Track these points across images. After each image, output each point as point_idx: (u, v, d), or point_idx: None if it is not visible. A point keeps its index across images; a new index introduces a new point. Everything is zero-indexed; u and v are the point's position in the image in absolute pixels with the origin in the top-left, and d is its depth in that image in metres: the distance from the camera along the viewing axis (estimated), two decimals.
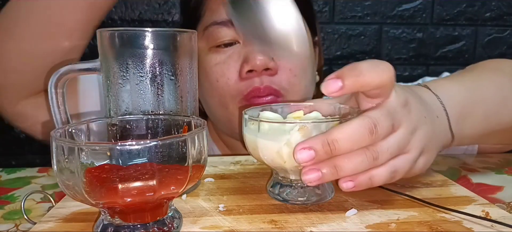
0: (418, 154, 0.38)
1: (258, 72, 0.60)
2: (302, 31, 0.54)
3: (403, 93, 0.38)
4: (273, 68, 0.60)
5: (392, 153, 0.36)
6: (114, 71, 0.39)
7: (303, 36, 0.57)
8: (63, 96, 0.43)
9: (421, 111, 0.39)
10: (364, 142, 0.34)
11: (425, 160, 0.40)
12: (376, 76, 0.35)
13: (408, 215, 0.36)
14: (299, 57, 0.63)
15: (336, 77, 0.34)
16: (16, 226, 0.45)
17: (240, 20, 0.58)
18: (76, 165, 0.28)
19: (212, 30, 0.62)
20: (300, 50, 0.63)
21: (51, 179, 0.61)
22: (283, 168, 0.37)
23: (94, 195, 0.29)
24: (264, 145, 0.37)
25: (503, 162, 0.66)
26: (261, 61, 0.59)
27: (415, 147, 0.37)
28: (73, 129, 0.35)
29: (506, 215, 0.36)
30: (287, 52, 0.61)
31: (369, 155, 0.34)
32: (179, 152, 0.30)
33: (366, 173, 0.35)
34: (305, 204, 0.38)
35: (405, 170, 0.37)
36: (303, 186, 0.39)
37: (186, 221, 0.35)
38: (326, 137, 0.34)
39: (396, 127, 0.36)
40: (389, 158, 0.36)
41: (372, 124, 0.34)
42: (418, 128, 0.38)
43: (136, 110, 0.40)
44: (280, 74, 0.61)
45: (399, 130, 0.36)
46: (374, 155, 0.35)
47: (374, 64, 0.35)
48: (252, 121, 0.38)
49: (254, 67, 0.59)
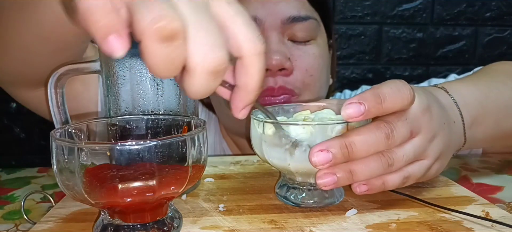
0: (433, 161, 0.38)
1: (273, 71, 0.59)
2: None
3: (426, 99, 0.37)
4: (289, 68, 0.60)
5: (407, 160, 0.35)
6: (114, 71, 0.39)
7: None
8: (63, 96, 0.43)
9: (441, 117, 0.39)
10: (380, 146, 0.34)
11: (439, 166, 0.39)
12: (399, 102, 0.34)
13: (408, 215, 0.36)
14: (315, 57, 0.63)
15: (358, 102, 0.33)
16: (16, 226, 0.45)
17: None
18: (76, 165, 0.28)
19: None
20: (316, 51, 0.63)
21: (51, 179, 0.61)
22: (288, 169, 0.37)
23: (94, 195, 0.29)
24: (269, 146, 0.37)
25: (503, 162, 0.66)
26: (277, 61, 0.58)
27: (432, 154, 0.37)
28: (73, 129, 0.35)
29: (506, 215, 0.36)
30: (303, 52, 0.62)
31: (385, 161, 0.34)
32: (179, 152, 0.30)
33: (379, 178, 0.35)
34: (311, 207, 0.38)
35: (418, 176, 0.37)
36: (310, 188, 0.39)
37: (186, 221, 0.35)
38: (344, 139, 0.33)
39: (414, 133, 0.36)
40: (404, 164, 0.35)
41: (389, 129, 0.34)
42: (437, 135, 0.37)
43: (136, 110, 0.40)
44: (295, 74, 0.61)
45: (417, 136, 0.36)
46: (390, 161, 0.34)
47: (396, 88, 0.35)
48: (258, 122, 0.38)
49: (269, 66, 0.58)
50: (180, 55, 0.26)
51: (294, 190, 0.39)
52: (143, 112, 0.39)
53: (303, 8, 0.62)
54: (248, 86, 0.30)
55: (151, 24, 0.24)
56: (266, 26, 0.60)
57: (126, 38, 0.25)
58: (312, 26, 0.62)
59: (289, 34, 0.62)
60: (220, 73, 0.27)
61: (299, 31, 0.61)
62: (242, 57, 0.29)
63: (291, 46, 0.62)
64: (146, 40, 0.24)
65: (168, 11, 0.24)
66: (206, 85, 0.27)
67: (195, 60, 0.26)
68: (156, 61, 0.25)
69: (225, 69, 0.27)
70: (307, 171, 0.37)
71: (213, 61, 0.26)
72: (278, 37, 0.60)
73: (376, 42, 1.33)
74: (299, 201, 0.38)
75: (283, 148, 0.36)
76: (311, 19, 0.62)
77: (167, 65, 0.26)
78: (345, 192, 0.41)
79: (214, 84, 0.27)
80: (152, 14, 0.24)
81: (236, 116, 0.32)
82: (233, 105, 0.32)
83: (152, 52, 0.25)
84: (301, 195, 0.38)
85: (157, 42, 0.24)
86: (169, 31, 0.24)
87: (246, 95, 0.31)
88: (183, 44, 0.25)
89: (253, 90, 0.30)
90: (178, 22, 0.25)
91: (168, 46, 0.25)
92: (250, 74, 0.30)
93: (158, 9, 0.24)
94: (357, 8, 1.30)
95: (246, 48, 0.29)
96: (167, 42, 0.25)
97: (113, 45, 0.25)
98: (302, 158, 0.35)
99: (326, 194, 0.39)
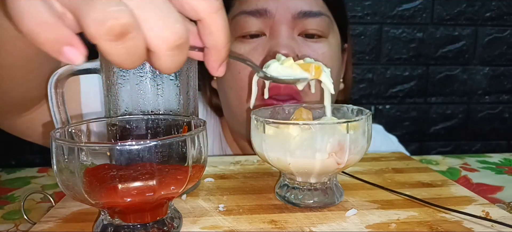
0: None
1: None
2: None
3: None
4: None
5: None
6: (114, 71, 0.39)
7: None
8: (63, 96, 0.42)
9: None
10: None
11: None
12: None
13: (408, 215, 0.36)
14: (325, 56, 0.61)
15: None
16: (16, 226, 0.45)
17: None
18: (76, 165, 0.28)
19: (240, 19, 0.60)
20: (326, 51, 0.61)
21: (51, 179, 0.61)
22: (288, 169, 0.37)
23: (94, 195, 0.29)
24: (269, 146, 0.37)
25: (503, 162, 0.66)
26: (285, 56, 0.57)
27: None
28: (73, 129, 0.35)
29: (506, 215, 0.36)
30: (312, 50, 0.60)
31: None
32: (179, 152, 0.30)
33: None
34: (311, 207, 0.38)
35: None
36: (310, 188, 0.39)
37: (186, 221, 0.35)
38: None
39: None
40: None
41: None
42: None
43: (136, 110, 0.39)
44: None
45: None
46: None
47: None
48: (258, 122, 0.38)
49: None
50: (139, 44, 0.25)
51: (294, 190, 0.39)
52: (143, 113, 0.39)
53: (316, 4, 0.61)
54: (217, 45, 0.30)
55: (100, 27, 0.23)
56: (276, 20, 0.59)
57: (80, 45, 0.25)
58: (324, 23, 0.61)
59: (300, 29, 0.60)
60: (184, 45, 0.27)
61: (310, 26, 0.60)
62: (201, 20, 0.29)
63: (301, 42, 0.60)
64: (100, 43, 0.24)
65: (112, 4, 0.24)
66: (175, 60, 0.27)
67: (154, 43, 0.26)
68: (118, 59, 0.25)
69: (187, 39, 0.27)
70: (307, 171, 0.37)
71: (172, 37, 0.26)
72: (288, 31, 0.59)
73: (376, 42, 1.33)
74: (299, 201, 0.38)
75: (283, 148, 0.36)
76: (323, 16, 0.61)
77: (130, 58, 0.25)
78: (345, 192, 0.41)
79: (182, 57, 0.27)
80: (97, 14, 0.23)
81: (214, 74, 0.32)
82: (208, 66, 0.31)
83: (110, 52, 0.25)
84: (301, 195, 0.38)
85: (111, 42, 0.24)
86: (119, 27, 0.24)
87: (218, 54, 0.30)
88: (138, 33, 0.25)
89: (222, 47, 0.30)
90: (125, 14, 0.24)
91: (124, 42, 0.24)
92: (214, 34, 0.29)
93: (102, 7, 0.23)
94: (357, 8, 1.30)
95: (202, 10, 0.28)
96: (121, 39, 0.24)
97: (69, 56, 0.25)
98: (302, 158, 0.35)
99: (326, 194, 0.39)
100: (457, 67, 1.37)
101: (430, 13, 1.31)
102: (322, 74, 0.40)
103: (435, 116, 1.40)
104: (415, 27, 1.32)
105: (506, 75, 1.39)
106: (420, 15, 1.31)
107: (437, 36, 1.33)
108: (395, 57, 1.34)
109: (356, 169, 0.48)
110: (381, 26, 1.32)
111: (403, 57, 1.34)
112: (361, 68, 1.34)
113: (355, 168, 0.48)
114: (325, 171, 0.37)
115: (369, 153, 0.50)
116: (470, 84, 1.39)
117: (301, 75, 0.39)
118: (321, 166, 0.36)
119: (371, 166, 0.51)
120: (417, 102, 1.38)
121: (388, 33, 1.32)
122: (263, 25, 0.60)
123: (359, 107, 0.41)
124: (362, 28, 1.31)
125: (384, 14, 1.31)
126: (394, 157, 0.54)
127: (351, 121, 0.35)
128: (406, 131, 1.40)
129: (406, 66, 1.35)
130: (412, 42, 1.33)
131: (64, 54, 0.25)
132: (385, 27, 1.32)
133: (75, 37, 0.25)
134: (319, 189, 0.39)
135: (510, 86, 1.40)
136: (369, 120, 0.38)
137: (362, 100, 1.35)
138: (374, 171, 0.49)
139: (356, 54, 1.32)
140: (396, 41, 1.33)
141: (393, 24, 1.32)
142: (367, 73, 1.34)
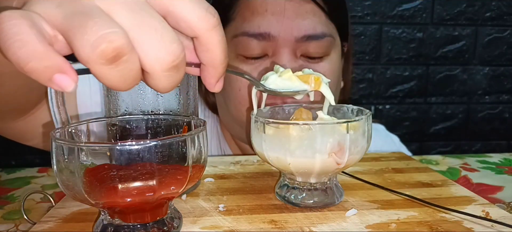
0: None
1: None
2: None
3: None
4: None
5: None
6: None
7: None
8: (63, 97, 0.43)
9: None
10: None
11: None
12: None
13: (408, 215, 0.36)
14: (327, 73, 0.60)
15: None
16: (16, 226, 0.45)
17: None
18: (76, 165, 0.28)
19: (242, 40, 0.59)
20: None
21: (51, 179, 0.61)
22: (288, 169, 0.37)
23: (94, 195, 0.29)
24: (269, 146, 0.37)
25: (503, 162, 0.66)
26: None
27: None
28: (73, 129, 0.35)
29: (506, 215, 0.36)
30: (314, 69, 0.58)
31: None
32: (179, 152, 0.30)
33: None
34: (311, 207, 0.38)
35: None
36: (310, 188, 0.39)
37: (186, 221, 0.35)
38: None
39: None
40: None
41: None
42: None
43: (136, 110, 0.39)
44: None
45: None
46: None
47: None
48: (258, 122, 0.38)
49: None
50: (134, 67, 0.24)
51: (294, 190, 0.39)
52: (143, 113, 0.39)
53: (319, 24, 0.60)
54: (214, 62, 0.29)
55: (92, 51, 0.22)
56: (279, 43, 0.58)
57: (72, 71, 0.24)
58: (326, 44, 0.60)
59: (302, 51, 0.59)
60: (180, 65, 0.26)
61: (313, 49, 0.59)
62: (198, 37, 0.28)
63: (303, 63, 0.60)
64: (93, 67, 0.23)
65: (105, 27, 0.23)
66: (171, 80, 0.26)
67: (150, 64, 0.25)
68: (112, 83, 0.24)
69: (183, 59, 0.26)
70: (307, 171, 0.37)
71: (168, 57, 0.25)
72: (290, 55, 0.59)
73: (376, 42, 1.33)
74: (299, 201, 0.38)
75: (283, 147, 0.36)
76: (326, 37, 0.60)
77: (124, 81, 0.24)
78: (345, 192, 0.41)
79: (178, 76, 0.26)
80: (90, 37, 0.22)
81: (211, 90, 0.31)
82: (206, 82, 0.31)
83: (104, 76, 0.24)
84: (301, 195, 0.38)
85: (105, 66, 0.23)
86: (112, 51, 0.23)
87: (215, 71, 0.30)
88: (133, 55, 0.24)
89: (219, 64, 0.29)
90: (119, 37, 0.23)
91: (117, 65, 0.23)
92: (211, 51, 0.28)
93: (95, 29, 0.22)
94: (357, 8, 1.30)
95: (198, 28, 0.27)
96: (115, 62, 0.23)
97: (60, 84, 0.23)
98: (302, 158, 0.35)
99: (326, 194, 0.39)
100: (457, 67, 1.37)
101: (430, 13, 1.31)
102: (322, 86, 0.39)
103: (435, 116, 1.40)
104: (415, 27, 1.32)
105: (506, 75, 1.39)
106: (420, 15, 1.31)
107: (437, 36, 1.33)
108: (395, 57, 1.34)
109: (356, 169, 0.48)
110: (381, 26, 1.32)
111: (403, 57, 1.34)
112: (361, 68, 1.34)
113: (355, 168, 0.48)
114: (325, 171, 0.37)
115: (369, 152, 0.50)
116: (470, 84, 1.39)
117: (300, 87, 0.39)
118: (321, 166, 0.36)
119: (371, 166, 0.51)
120: (417, 102, 1.38)
121: (388, 33, 1.32)
122: (266, 47, 0.59)
123: (359, 107, 0.41)
124: (362, 28, 1.31)
125: (384, 14, 1.31)
126: (394, 157, 0.54)
127: (351, 121, 0.35)
128: (406, 131, 1.40)
129: (406, 66, 1.35)
130: (412, 42, 1.33)
131: (55, 82, 0.23)
132: (385, 27, 1.32)
133: (67, 64, 0.23)
134: (319, 189, 0.39)
135: (510, 86, 1.40)
136: (369, 120, 0.38)
137: (362, 100, 1.35)
138: (374, 171, 0.49)
139: (356, 54, 1.32)
140: (396, 41, 1.33)
141: (393, 24, 1.32)
142: (367, 73, 1.34)
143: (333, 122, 0.36)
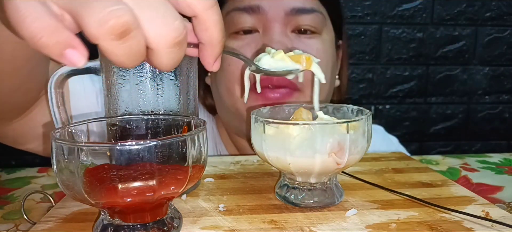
0: None
1: None
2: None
3: None
4: None
5: None
6: (114, 71, 0.39)
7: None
8: (63, 97, 0.43)
9: None
10: None
11: None
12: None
13: (408, 215, 0.36)
14: (319, 52, 0.61)
15: None
16: (16, 226, 0.45)
17: None
18: (76, 165, 0.28)
19: (233, 15, 0.61)
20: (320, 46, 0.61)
21: (51, 179, 0.61)
22: (289, 169, 0.37)
23: (94, 195, 0.29)
24: (269, 146, 0.37)
25: (503, 162, 0.66)
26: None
27: None
28: (73, 129, 0.35)
29: (506, 215, 0.36)
30: (306, 45, 0.60)
31: None
32: (179, 152, 0.30)
33: None
34: (311, 207, 0.38)
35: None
36: (311, 188, 0.39)
37: (186, 221, 0.35)
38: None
39: None
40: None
41: None
42: None
43: (136, 110, 0.39)
44: None
45: None
46: None
47: None
48: (258, 122, 0.38)
49: None
50: (140, 43, 0.25)
51: (294, 190, 0.39)
52: (143, 113, 0.39)
53: (309, 0, 0.61)
54: (212, 41, 0.30)
55: (101, 27, 0.23)
56: (269, 17, 0.59)
57: (82, 47, 0.25)
58: (317, 19, 0.61)
59: (293, 25, 0.60)
60: (183, 41, 0.27)
61: (303, 22, 0.60)
62: (196, 16, 0.29)
63: (294, 38, 0.60)
64: (102, 43, 0.24)
65: (112, 3, 0.24)
66: (174, 57, 0.27)
67: (154, 41, 0.26)
68: (120, 58, 0.25)
69: (185, 36, 0.27)
70: (307, 171, 0.37)
71: (172, 34, 0.26)
72: (280, 28, 0.59)
73: (376, 42, 1.33)
74: (299, 201, 0.38)
75: (283, 147, 0.36)
76: (316, 12, 0.61)
77: (131, 57, 0.26)
78: (345, 192, 0.41)
79: (180, 53, 0.28)
80: (98, 15, 0.23)
81: (209, 69, 0.32)
82: (204, 62, 0.32)
83: (112, 51, 0.25)
84: (301, 195, 0.38)
85: (113, 41, 0.24)
86: (121, 26, 0.24)
87: (213, 49, 0.31)
88: (139, 31, 0.25)
89: (217, 43, 0.31)
90: (126, 13, 0.24)
91: (126, 40, 0.24)
92: (209, 30, 0.30)
93: (102, 6, 0.24)
94: (357, 8, 1.30)
95: (197, 6, 0.29)
96: (123, 37, 0.24)
97: (71, 58, 0.25)
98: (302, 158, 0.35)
99: (326, 194, 0.39)
100: (457, 67, 1.37)
101: (430, 13, 1.31)
102: (313, 65, 0.40)
103: (435, 116, 1.40)
104: (415, 27, 1.32)
105: (506, 75, 1.39)
106: (420, 15, 1.31)
107: (437, 36, 1.33)
108: (395, 57, 1.34)
109: (356, 169, 0.48)
110: (381, 26, 1.32)
111: (403, 57, 1.34)
112: (361, 68, 1.34)
113: (355, 168, 0.48)
114: (325, 171, 0.37)
115: (369, 153, 0.50)
116: (470, 84, 1.39)
117: (292, 66, 0.40)
118: (321, 166, 0.36)
119: (371, 166, 0.51)
120: (417, 102, 1.38)
121: (388, 33, 1.32)
122: (256, 21, 0.60)
123: (359, 107, 0.41)
124: (362, 28, 1.31)
125: (384, 14, 1.31)
126: (394, 157, 0.54)
127: (351, 121, 0.35)
128: (406, 131, 1.40)
129: (406, 66, 1.34)
130: (412, 42, 1.33)
131: (66, 57, 0.25)
132: (385, 27, 1.32)
133: (76, 39, 0.25)
134: (319, 189, 0.39)
135: (510, 86, 1.40)
136: (369, 120, 0.38)
137: (362, 100, 1.35)
138: (374, 171, 0.49)
139: (356, 54, 1.32)
140: (396, 41, 1.33)
141: (393, 24, 1.32)
142: (367, 73, 1.34)
143: (333, 122, 0.36)
